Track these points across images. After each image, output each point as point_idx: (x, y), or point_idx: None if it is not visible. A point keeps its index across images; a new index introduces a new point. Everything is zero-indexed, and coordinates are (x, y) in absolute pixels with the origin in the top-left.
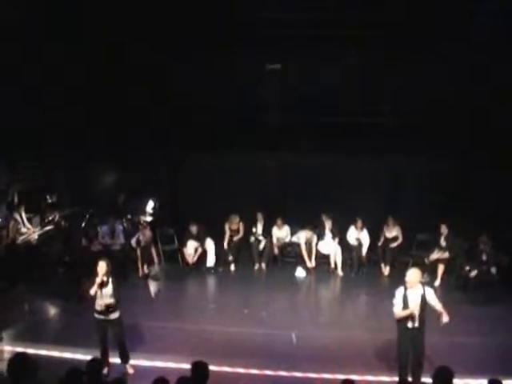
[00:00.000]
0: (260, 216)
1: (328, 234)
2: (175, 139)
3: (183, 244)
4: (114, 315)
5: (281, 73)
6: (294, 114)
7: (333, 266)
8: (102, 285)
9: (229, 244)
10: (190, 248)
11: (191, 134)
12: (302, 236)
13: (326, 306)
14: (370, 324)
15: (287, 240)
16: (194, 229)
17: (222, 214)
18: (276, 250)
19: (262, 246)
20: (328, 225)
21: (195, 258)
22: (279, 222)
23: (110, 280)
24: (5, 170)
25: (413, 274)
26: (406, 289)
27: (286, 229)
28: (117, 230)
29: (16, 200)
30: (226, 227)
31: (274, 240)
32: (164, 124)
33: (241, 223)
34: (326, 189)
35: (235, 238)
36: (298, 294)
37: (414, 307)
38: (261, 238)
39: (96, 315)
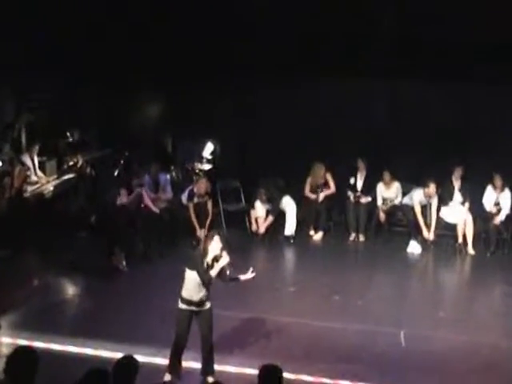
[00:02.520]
0: (361, 163)
1: (456, 195)
2: (245, 59)
3: (252, 204)
4: (207, 305)
5: None
6: (412, 30)
7: (460, 240)
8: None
9: (313, 204)
10: (260, 210)
11: (268, 54)
12: (418, 197)
13: (449, 297)
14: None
15: (397, 202)
16: (263, 190)
17: (307, 163)
18: (382, 216)
19: (362, 207)
20: (456, 183)
21: (267, 224)
22: (387, 176)
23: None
24: (11, 96)
25: None
26: None
27: (397, 186)
28: (162, 182)
29: (24, 137)
30: (308, 182)
31: (379, 201)
32: (229, 40)
33: (329, 175)
34: (454, 131)
35: (322, 196)
36: (409, 278)
37: None
38: (361, 195)
39: (183, 306)
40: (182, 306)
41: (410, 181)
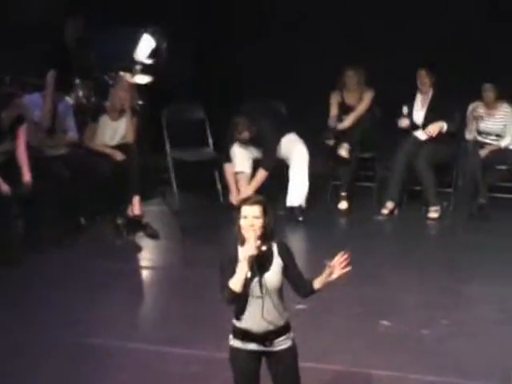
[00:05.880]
0: (426, 77)
1: None
2: None
3: (226, 151)
4: (285, 342)
5: None
6: None
7: None
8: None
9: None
10: (242, 161)
11: None
12: None
13: None
14: None
15: (506, 143)
16: (244, 121)
17: (324, 80)
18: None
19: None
20: None
21: (253, 185)
22: (489, 92)
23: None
24: None
25: None
26: None
27: (505, 111)
28: (60, 110)
29: None
30: (334, 100)
31: (469, 134)
32: None
33: (367, 93)
34: None
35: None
36: None
37: None
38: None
39: (235, 343)
40: (232, 343)
41: None
